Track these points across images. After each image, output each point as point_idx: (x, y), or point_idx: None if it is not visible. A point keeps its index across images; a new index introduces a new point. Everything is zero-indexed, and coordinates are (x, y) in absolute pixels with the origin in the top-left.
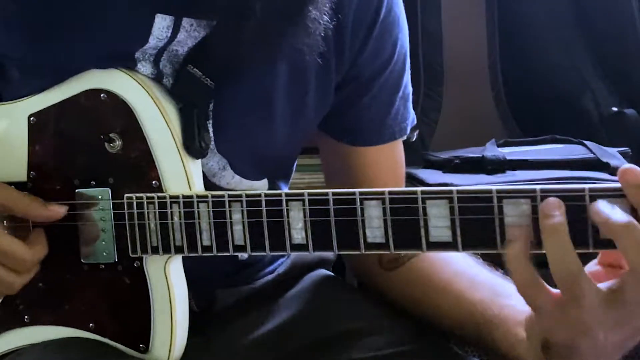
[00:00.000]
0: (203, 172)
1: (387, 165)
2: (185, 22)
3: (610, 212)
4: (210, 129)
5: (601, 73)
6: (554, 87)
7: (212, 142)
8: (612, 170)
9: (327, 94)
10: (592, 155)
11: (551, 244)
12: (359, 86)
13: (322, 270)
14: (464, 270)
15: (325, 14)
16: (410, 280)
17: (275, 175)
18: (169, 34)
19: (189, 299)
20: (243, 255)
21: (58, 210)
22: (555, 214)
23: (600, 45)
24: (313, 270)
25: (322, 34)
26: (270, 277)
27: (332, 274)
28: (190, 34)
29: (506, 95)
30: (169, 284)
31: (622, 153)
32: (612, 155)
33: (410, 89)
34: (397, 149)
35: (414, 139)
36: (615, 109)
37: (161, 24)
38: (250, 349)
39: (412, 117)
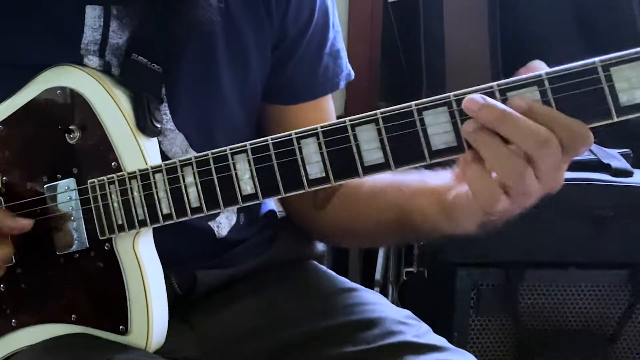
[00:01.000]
0: (169, 158)
1: (320, 119)
2: (114, 9)
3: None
4: (167, 110)
5: None
6: None
7: (171, 122)
8: (613, 172)
9: (266, 58)
10: (593, 157)
11: (484, 143)
12: (286, 48)
13: (313, 263)
14: (381, 177)
15: None
16: (342, 206)
17: None
18: (102, 23)
19: (172, 281)
20: (220, 233)
21: (24, 224)
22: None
23: (601, 46)
24: (303, 263)
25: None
26: (255, 260)
27: (323, 267)
28: (123, 22)
29: None
30: (139, 260)
31: (623, 154)
32: (613, 156)
33: (340, 46)
34: (329, 103)
35: None
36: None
37: (92, 14)
38: (235, 338)
39: (346, 72)
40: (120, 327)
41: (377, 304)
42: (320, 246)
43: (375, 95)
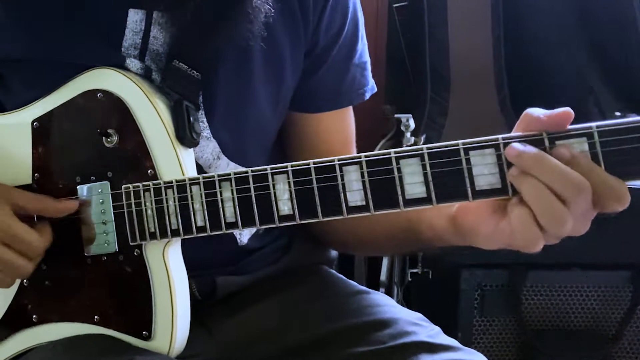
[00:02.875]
0: (199, 164)
1: (344, 128)
2: (156, 15)
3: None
4: (204, 118)
5: (605, 78)
6: (558, 91)
7: (208, 130)
8: None
9: (299, 66)
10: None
11: (527, 187)
12: (317, 56)
13: (325, 268)
14: None
15: (268, 3)
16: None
17: (267, 157)
18: (143, 27)
19: (192, 287)
20: (242, 240)
21: (70, 204)
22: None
23: (603, 50)
24: (316, 268)
25: (268, 21)
26: (271, 267)
27: (335, 272)
28: (164, 28)
29: (511, 99)
30: (168, 269)
31: None
32: None
33: (367, 59)
34: (350, 113)
35: (421, 143)
36: (618, 113)
37: (134, 18)
38: (252, 342)
39: (371, 85)
40: (144, 332)
41: (389, 305)
42: (331, 252)
43: (380, 98)
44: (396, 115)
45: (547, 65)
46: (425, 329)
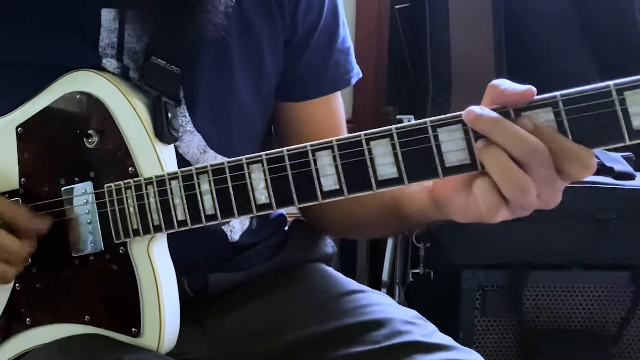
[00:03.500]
0: (187, 160)
1: (332, 115)
2: (128, 13)
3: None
4: (186, 112)
5: (605, 79)
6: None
7: (190, 124)
8: (616, 175)
9: (279, 54)
10: (596, 160)
11: (488, 156)
12: (297, 43)
13: (321, 265)
14: None
15: None
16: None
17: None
18: (117, 26)
19: (183, 283)
20: (233, 237)
21: (42, 223)
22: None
23: (604, 52)
24: (311, 265)
25: (245, 9)
26: (265, 264)
27: (331, 269)
28: (137, 25)
29: None
30: (153, 265)
31: (625, 158)
32: (616, 160)
33: (349, 44)
34: (338, 100)
35: None
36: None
37: (107, 17)
38: (246, 340)
39: (356, 70)
40: (133, 329)
41: (384, 304)
42: (328, 249)
43: (382, 99)
44: (398, 116)
45: (548, 67)
46: (420, 328)
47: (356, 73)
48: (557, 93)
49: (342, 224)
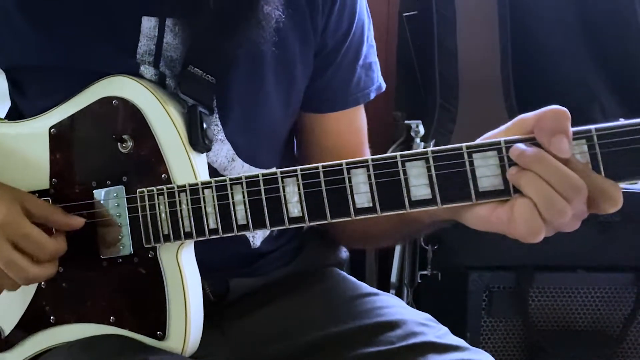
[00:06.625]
0: (214, 168)
1: (353, 128)
2: (169, 22)
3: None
4: (218, 121)
5: (609, 86)
6: (563, 98)
7: (222, 132)
8: None
9: (309, 65)
10: None
11: (526, 181)
12: (325, 57)
13: (336, 270)
14: None
15: (278, 9)
16: None
17: (279, 158)
18: (156, 34)
19: (205, 288)
20: (255, 244)
21: (75, 222)
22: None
23: (608, 58)
24: (327, 270)
25: (279, 26)
26: (283, 270)
27: (345, 273)
28: (177, 34)
29: (518, 106)
30: (181, 270)
31: None
32: None
33: (372, 60)
34: (360, 113)
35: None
36: (622, 119)
37: (148, 25)
38: (264, 342)
39: (377, 84)
40: (158, 332)
41: (398, 307)
42: (342, 254)
43: (391, 104)
44: (406, 122)
45: (553, 74)
46: (433, 330)
47: (376, 88)
48: (592, 127)
49: (352, 238)
